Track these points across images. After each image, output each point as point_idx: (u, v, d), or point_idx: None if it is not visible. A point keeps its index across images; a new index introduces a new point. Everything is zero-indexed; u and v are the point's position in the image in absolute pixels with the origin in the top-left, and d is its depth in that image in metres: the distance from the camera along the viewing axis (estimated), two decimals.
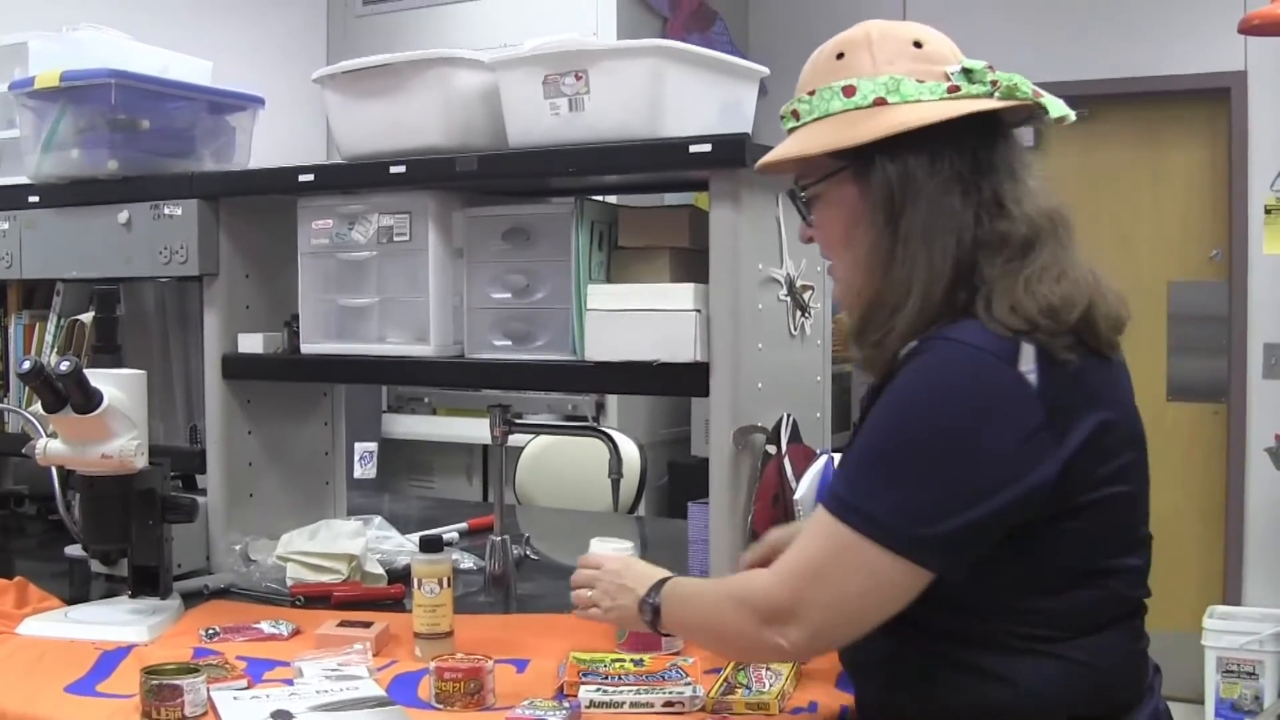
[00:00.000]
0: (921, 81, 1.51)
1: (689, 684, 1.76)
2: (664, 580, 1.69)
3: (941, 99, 1.50)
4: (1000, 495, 1.38)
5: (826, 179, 1.57)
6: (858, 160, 1.52)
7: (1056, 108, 1.53)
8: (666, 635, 1.85)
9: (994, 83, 1.51)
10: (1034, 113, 1.54)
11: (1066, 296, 1.44)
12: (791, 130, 1.60)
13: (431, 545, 2.09)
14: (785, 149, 1.59)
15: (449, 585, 2.03)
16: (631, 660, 1.87)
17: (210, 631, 2.12)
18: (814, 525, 1.49)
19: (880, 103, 1.51)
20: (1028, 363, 1.40)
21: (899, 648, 1.51)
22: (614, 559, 1.81)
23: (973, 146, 1.50)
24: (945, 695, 1.49)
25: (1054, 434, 1.39)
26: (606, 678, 1.80)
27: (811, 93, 1.56)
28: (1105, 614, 1.48)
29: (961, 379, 1.41)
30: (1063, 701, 1.46)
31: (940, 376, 1.43)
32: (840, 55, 1.55)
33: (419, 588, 2.01)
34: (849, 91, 1.53)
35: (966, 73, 1.52)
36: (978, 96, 1.51)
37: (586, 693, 1.75)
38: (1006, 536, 1.41)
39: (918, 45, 1.54)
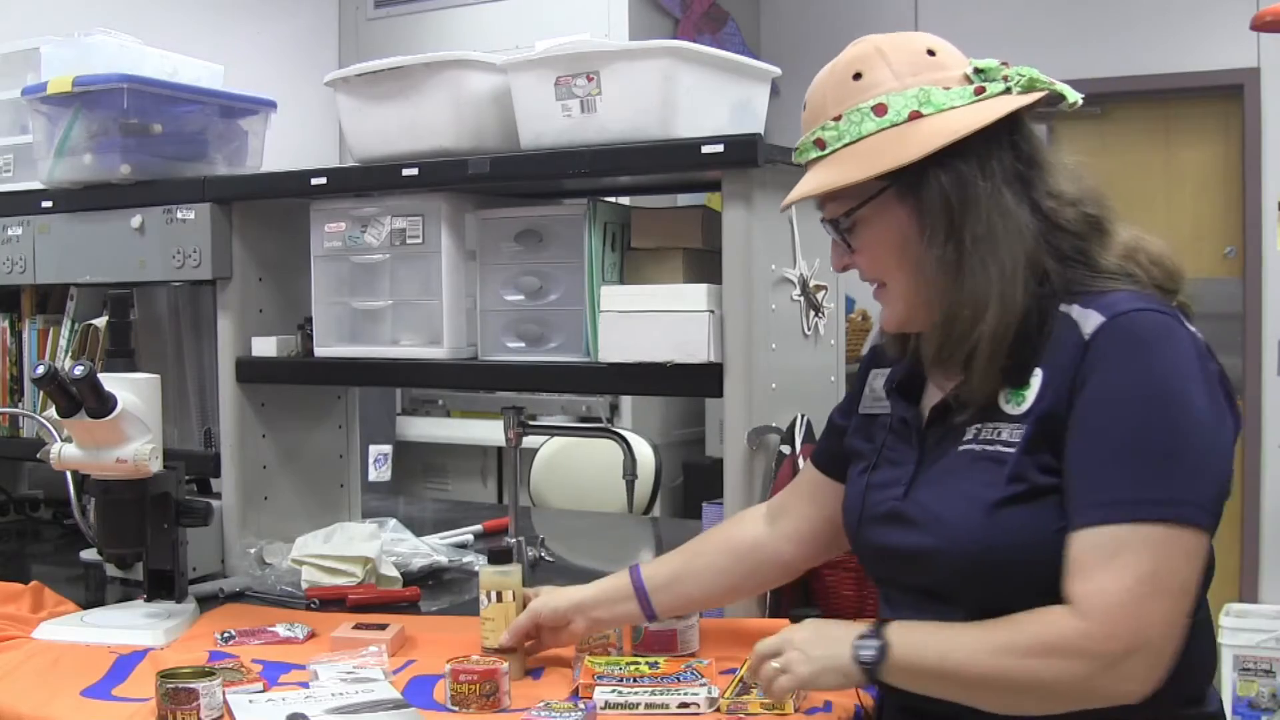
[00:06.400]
0: (948, 89, 1.47)
1: (704, 685, 1.75)
2: (881, 622, 1.49)
3: (971, 102, 1.46)
4: (1229, 446, 1.40)
5: (869, 202, 1.49)
6: (904, 178, 1.46)
7: (1070, 92, 1.51)
8: (885, 687, 1.52)
9: (1006, 78, 1.48)
10: (1051, 101, 1.51)
11: (1161, 257, 1.49)
12: (814, 160, 1.52)
13: (500, 557, 1.97)
14: (825, 179, 1.49)
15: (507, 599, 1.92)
16: (646, 662, 1.86)
17: (226, 635, 2.12)
18: (1111, 545, 1.34)
19: (915, 116, 1.45)
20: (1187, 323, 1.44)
21: None
22: (795, 628, 1.57)
23: (1012, 142, 1.48)
24: None
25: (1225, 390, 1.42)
26: (621, 680, 1.79)
27: (837, 118, 1.49)
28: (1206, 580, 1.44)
29: (1183, 347, 1.40)
30: (1207, 673, 1.46)
31: (1163, 348, 1.39)
32: (857, 75, 1.49)
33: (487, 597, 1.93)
34: (880, 110, 1.46)
35: (980, 72, 1.49)
36: (1000, 94, 1.47)
37: (601, 694, 1.74)
38: None
39: (931, 53, 1.50)
